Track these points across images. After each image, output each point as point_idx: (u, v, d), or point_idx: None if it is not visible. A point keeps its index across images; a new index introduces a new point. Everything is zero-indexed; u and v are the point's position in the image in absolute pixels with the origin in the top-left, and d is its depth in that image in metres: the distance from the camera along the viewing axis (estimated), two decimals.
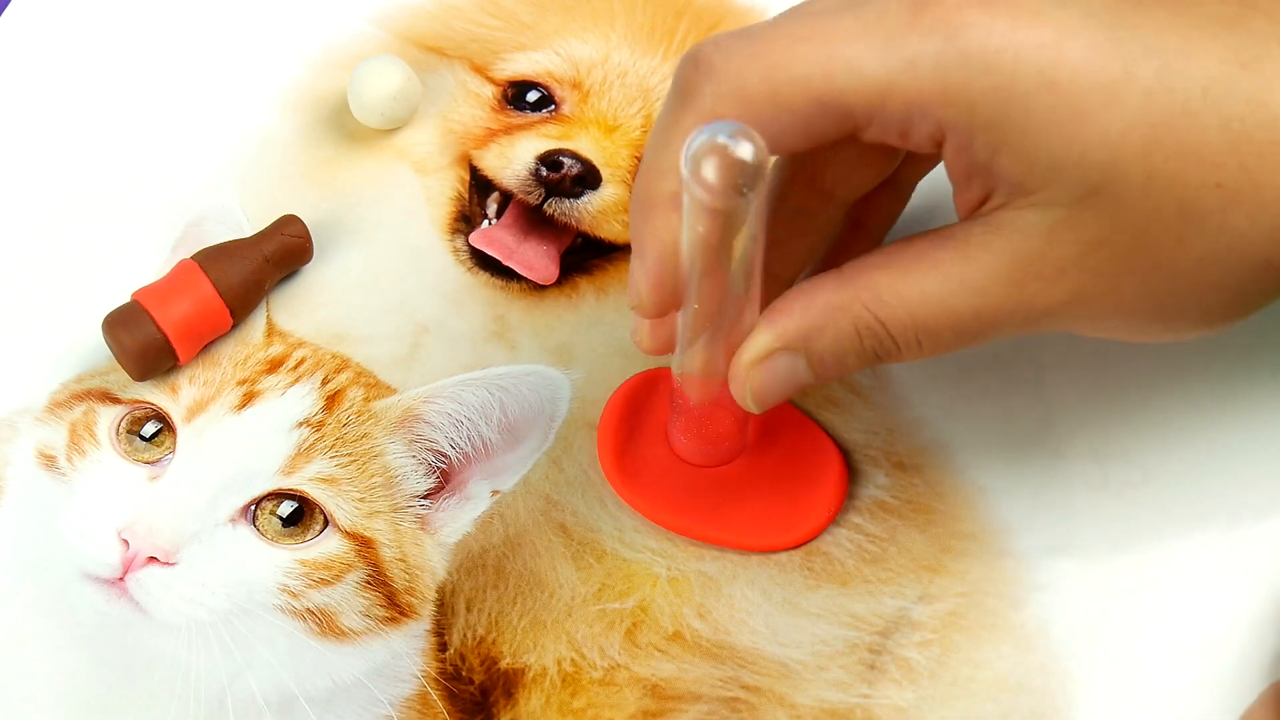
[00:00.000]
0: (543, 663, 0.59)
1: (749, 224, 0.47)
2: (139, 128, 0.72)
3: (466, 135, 0.72)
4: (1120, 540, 0.61)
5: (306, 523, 0.57)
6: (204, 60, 0.74)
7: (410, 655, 0.59)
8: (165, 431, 0.58)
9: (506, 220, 0.70)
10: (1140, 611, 0.59)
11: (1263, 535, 0.61)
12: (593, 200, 0.69)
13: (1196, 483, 0.62)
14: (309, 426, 0.59)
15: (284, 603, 0.56)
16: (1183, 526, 0.61)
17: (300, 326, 0.65)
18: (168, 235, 0.68)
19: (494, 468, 0.60)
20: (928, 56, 0.47)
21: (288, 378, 0.60)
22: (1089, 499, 0.62)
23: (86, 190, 0.70)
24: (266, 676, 0.56)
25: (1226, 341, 0.63)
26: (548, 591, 0.60)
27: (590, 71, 0.73)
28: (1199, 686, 0.58)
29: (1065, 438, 0.63)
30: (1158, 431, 0.63)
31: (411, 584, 0.58)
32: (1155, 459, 0.62)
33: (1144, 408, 0.63)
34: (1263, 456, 0.62)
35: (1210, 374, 0.64)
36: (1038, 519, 0.61)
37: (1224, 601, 0.59)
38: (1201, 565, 0.60)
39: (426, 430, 0.60)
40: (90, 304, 0.65)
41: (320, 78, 0.73)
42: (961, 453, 0.63)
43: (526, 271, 0.68)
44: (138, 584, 0.55)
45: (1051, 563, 0.60)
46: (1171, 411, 0.63)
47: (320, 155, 0.71)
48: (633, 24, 0.75)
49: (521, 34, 0.75)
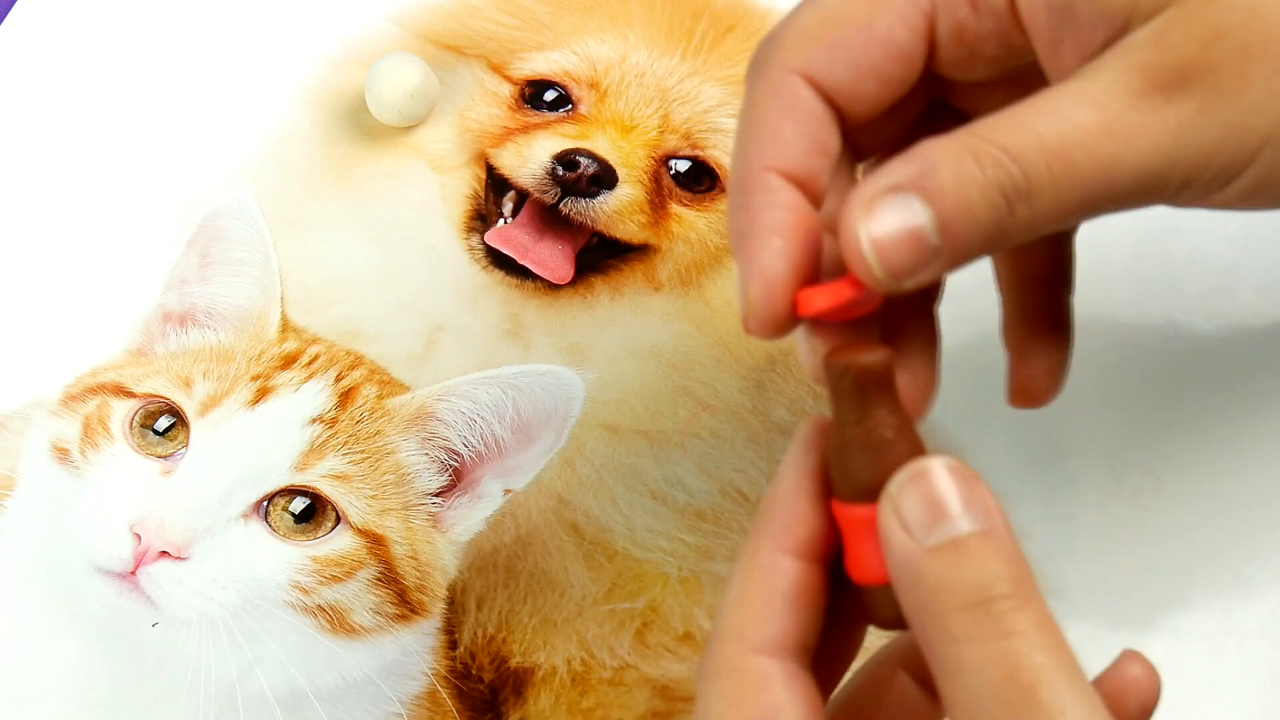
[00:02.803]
0: (552, 662, 0.59)
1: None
2: (156, 123, 0.72)
3: (483, 134, 0.72)
4: (1133, 547, 0.61)
5: (318, 519, 0.57)
6: (222, 56, 0.74)
7: (420, 653, 0.59)
8: (179, 426, 0.58)
9: (522, 219, 0.70)
10: (1152, 618, 0.59)
11: (1276, 543, 0.60)
12: (608, 200, 0.69)
13: (1211, 491, 0.62)
14: (322, 423, 0.59)
15: (295, 599, 0.56)
16: (1196, 534, 0.61)
17: (315, 323, 0.65)
18: (184, 230, 0.68)
19: (506, 467, 0.60)
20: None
21: (302, 374, 0.60)
22: (1102, 505, 0.61)
23: (104, 185, 0.70)
24: (277, 672, 0.56)
25: (1242, 349, 0.63)
26: (558, 591, 0.60)
27: (608, 71, 0.73)
28: (1211, 693, 0.58)
29: (1079, 444, 0.63)
30: (1172, 439, 0.63)
31: (422, 582, 0.58)
32: (1170, 467, 0.62)
33: (1158, 415, 0.63)
34: (1278, 464, 0.62)
35: (1227, 382, 0.64)
36: (1050, 524, 0.61)
37: (1237, 609, 0.59)
38: (1215, 573, 0.60)
39: (439, 428, 0.60)
40: (106, 297, 0.65)
41: (338, 75, 0.74)
42: (974, 457, 0.63)
43: (541, 270, 0.68)
44: (149, 578, 0.55)
45: (1063, 568, 0.60)
46: (1186, 420, 0.63)
47: (337, 152, 0.71)
48: (651, 24, 0.75)
49: (539, 33, 0.75)
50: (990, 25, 0.47)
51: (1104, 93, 0.44)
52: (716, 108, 0.73)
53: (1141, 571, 0.60)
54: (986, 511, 0.41)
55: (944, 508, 0.41)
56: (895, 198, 0.43)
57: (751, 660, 0.43)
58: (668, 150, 0.72)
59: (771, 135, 0.46)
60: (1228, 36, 0.44)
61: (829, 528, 0.44)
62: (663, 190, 0.71)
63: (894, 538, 0.41)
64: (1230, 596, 0.59)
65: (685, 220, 0.71)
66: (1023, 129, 0.43)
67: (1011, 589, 0.40)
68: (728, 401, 0.66)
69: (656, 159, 0.71)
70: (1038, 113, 0.44)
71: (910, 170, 0.43)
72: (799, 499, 0.44)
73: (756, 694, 0.43)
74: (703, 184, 0.72)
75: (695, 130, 0.72)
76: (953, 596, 0.40)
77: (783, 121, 0.46)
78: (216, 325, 0.62)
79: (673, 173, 0.71)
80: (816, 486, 0.44)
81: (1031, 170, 0.43)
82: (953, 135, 0.44)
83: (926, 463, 0.42)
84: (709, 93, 0.73)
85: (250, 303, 0.62)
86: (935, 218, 0.43)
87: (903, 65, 0.47)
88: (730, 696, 0.43)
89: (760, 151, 0.46)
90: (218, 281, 0.62)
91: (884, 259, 0.43)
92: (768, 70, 0.47)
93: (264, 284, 0.62)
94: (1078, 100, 0.44)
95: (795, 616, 0.44)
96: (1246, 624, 0.59)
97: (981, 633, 0.40)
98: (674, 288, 0.70)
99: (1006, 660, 0.39)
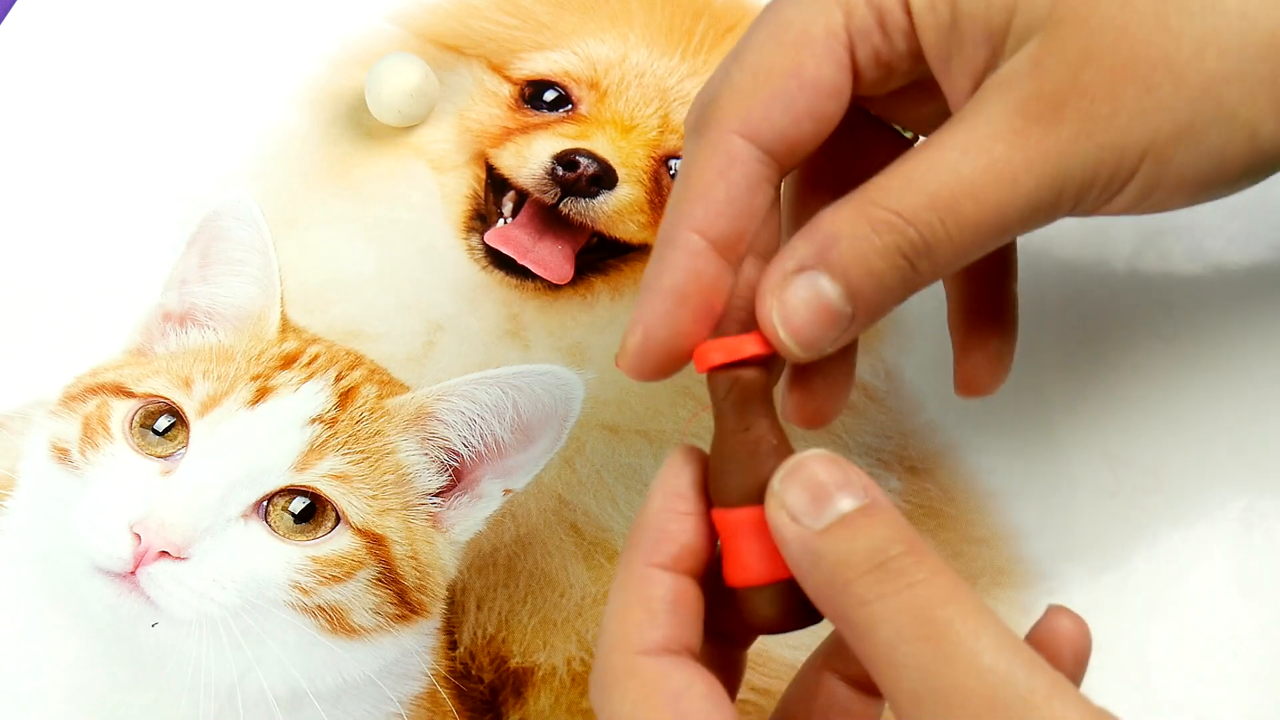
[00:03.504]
0: (552, 662, 0.59)
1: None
2: (156, 123, 0.72)
3: (483, 134, 0.72)
4: (1132, 546, 0.61)
5: (318, 519, 0.57)
6: (222, 56, 0.74)
7: (420, 653, 0.59)
8: (178, 426, 0.58)
9: (522, 219, 0.70)
10: (1151, 617, 0.59)
11: (1276, 543, 0.60)
12: (608, 200, 0.69)
13: (1210, 490, 0.62)
14: (322, 423, 0.59)
15: (295, 599, 0.56)
16: (1195, 534, 0.61)
17: (314, 323, 0.65)
18: (184, 231, 0.68)
19: (506, 467, 0.60)
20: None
21: (301, 374, 0.60)
22: (1101, 504, 0.61)
23: (104, 186, 0.70)
24: (276, 672, 0.56)
25: (1243, 348, 0.63)
26: (558, 591, 0.60)
27: (608, 71, 0.73)
28: (1210, 693, 0.58)
29: (1078, 443, 0.63)
30: (1172, 439, 0.63)
31: (422, 582, 0.58)
32: (1168, 466, 0.62)
33: (1158, 415, 0.63)
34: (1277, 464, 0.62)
35: (1227, 382, 0.64)
36: (1049, 524, 0.61)
37: (1236, 609, 0.59)
38: (1213, 573, 0.60)
39: (439, 428, 0.60)
40: (106, 298, 0.65)
41: (338, 74, 0.74)
42: (974, 457, 0.63)
43: (541, 270, 0.68)
44: (149, 578, 0.55)
45: (1062, 567, 0.60)
46: (1186, 420, 0.63)
47: (337, 152, 0.71)
48: (651, 24, 0.75)
49: (539, 33, 0.75)
50: (901, 46, 0.49)
51: (988, 137, 0.46)
52: None
53: (1141, 571, 0.60)
54: (864, 488, 0.44)
55: (825, 491, 0.43)
56: (803, 278, 0.46)
57: (644, 660, 0.45)
58: (668, 150, 0.72)
59: (702, 194, 0.48)
60: (1097, 59, 0.45)
61: (699, 543, 0.46)
62: (663, 190, 0.71)
63: (787, 530, 0.44)
64: (1230, 596, 0.59)
65: None
66: (913, 189, 0.45)
67: (905, 548, 0.42)
68: None
69: (656, 159, 0.71)
70: (927, 168, 0.46)
71: (813, 248, 0.46)
72: (667, 517, 0.47)
73: (659, 685, 0.44)
74: None
75: None
76: (852, 566, 0.42)
77: (715, 182, 0.48)
78: (216, 325, 0.62)
79: (672, 173, 0.71)
80: (686, 505, 0.47)
81: (926, 229, 0.45)
82: (849, 202, 0.46)
83: (801, 456, 0.44)
84: None
85: (250, 303, 0.62)
86: (842, 289, 0.46)
87: (834, 100, 0.48)
88: (633, 696, 0.44)
89: (689, 209, 0.48)
90: (218, 281, 0.62)
91: (798, 336, 0.46)
92: (707, 129, 0.48)
93: (264, 284, 0.62)
94: (964, 150, 0.46)
95: (675, 621, 0.45)
96: (1247, 623, 0.59)
97: (886, 589, 0.42)
98: None
99: (915, 605, 0.42)
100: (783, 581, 0.45)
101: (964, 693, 0.40)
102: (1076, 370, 0.65)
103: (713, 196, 0.48)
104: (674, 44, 0.74)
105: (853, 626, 0.42)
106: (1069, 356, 0.65)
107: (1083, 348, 0.64)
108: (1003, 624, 0.41)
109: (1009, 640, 0.41)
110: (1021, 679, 0.41)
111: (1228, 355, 0.64)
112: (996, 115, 0.46)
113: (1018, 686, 0.40)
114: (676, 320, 0.47)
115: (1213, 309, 0.67)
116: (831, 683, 0.50)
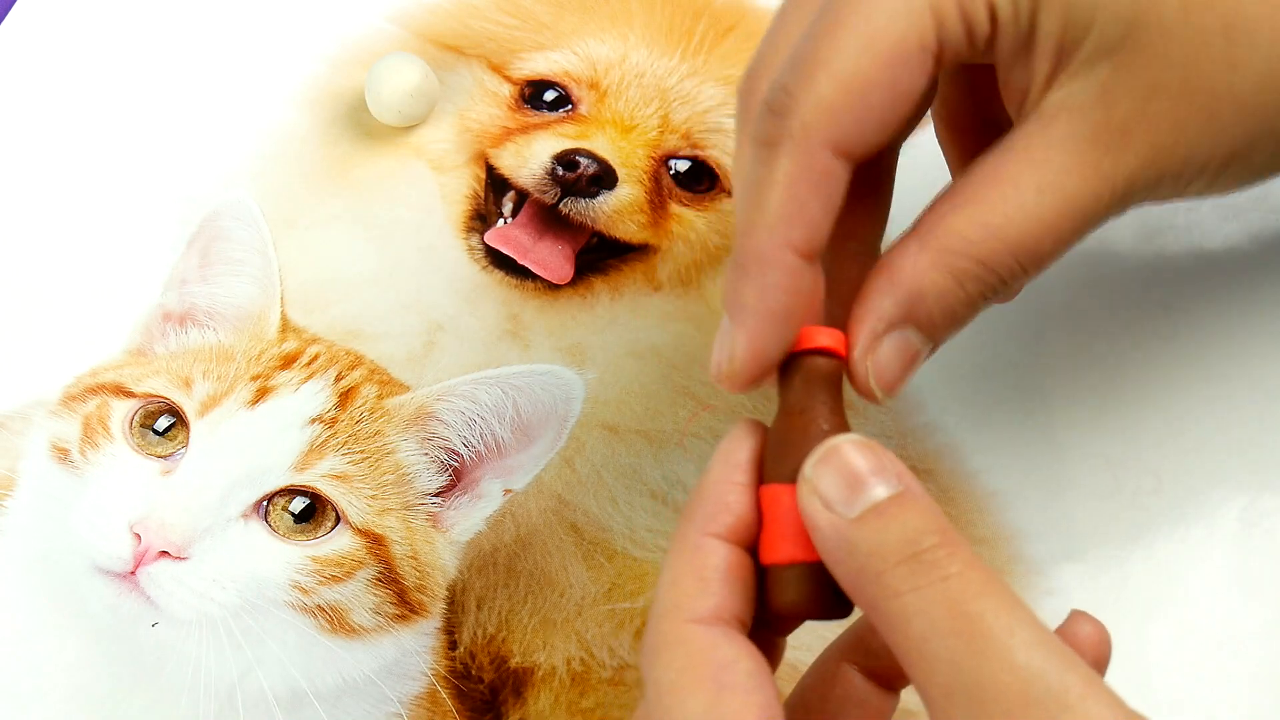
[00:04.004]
0: (552, 662, 0.59)
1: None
2: (156, 123, 0.72)
3: (483, 134, 0.72)
4: (1132, 547, 0.61)
5: (318, 519, 0.57)
6: (222, 56, 0.74)
7: (420, 653, 0.59)
8: (178, 426, 0.58)
9: (522, 219, 0.70)
10: (1151, 617, 0.59)
11: (1276, 543, 0.60)
12: (608, 200, 0.69)
13: (1210, 490, 0.62)
14: (322, 423, 0.59)
15: (295, 599, 0.56)
16: (1195, 533, 0.61)
17: (314, 323, 0.65)
18: (184, 231, 0.68)
19: (506, 467, 0.60)
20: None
21: (301, 374, 0.60)
22: (1101, 505, 0.61)
23: (104, 186, 0.70)
24: (276, 672, 0.56)
25: (1243, 348, 0.63)
26: (558, 591, 0.60)
27: (608, 71, 0.73)
28: (1210, 693, 0.58)
29: (1078, 443, 0.63)
30: (1172, 439, 0.63)
31: (422, 582, 0.58)
32: (1168, 466, 0.62)
33: (1158, 415, 0.63)
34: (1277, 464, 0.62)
35: (1227, 382, 0.64)
36: (1049, 524, 0.61)
37: (1236, 609, 0.59)
38: (1213, 573, 0.60)
39: (439, 428, 0.60)
40: (106, 298, 0.65)
41: (338, 74, 0.74)
42: (974, 457, 0.63)
43: (541, 270, 0.68)
44: (149, 578, 0.55)
45: (1062, 568, 0.60)
46: (1186, 420, 0.63)
47: (337, 152, 0.71)
48: (651, 24, 0.75)
49: (539, 33, 0.75)
50: (979, 49, 0.49)
51: (1061, 171, 0.47)
52: (716, 108, 0.73)
53: (1141, 572, 0.60)
54: (898, 475, 0.44)
55: (859, 479, 0.43)
56: (894, 335, 0.48)
57: (694, 629, 0.45)
58: (667, 150, 0.72)
59: (798, 210, 0.47)
60: (1165, 90, 0.47)
61: (754, 516, 0.46)
62: (662, 190, 0.71)
63: (819, 517, 0.43)
64: (1230, 596, 0.59)
65: (685, 220, 0.71)
66: (995, 237, 0.47)
67: (939, 539, 0.42)
68: (727, 401, 0.66)
69: (656, 159, 0.71)
70: (1005, 217, 0.47)
71: (899, 308, 0.48)
72: (725, 488, 0.47)
73: (706, 655, 0.44)
74: (703, 184, 0.72)
75: (695, 130, 0.72)
76: (886, 556, 0.42)
77: (810, 199, 0.47)
78: (216, 325, 0.62)
79: (672, 173, 0.71)
80: (743, 477, 0.47)
81: (1005, 271, 0.48)
82: (926, 247, 0.48)
83: (834, 441, 0.44)
84: (709, 93, 0.73)
85: (250, 303, 0.62)
86: (926, 338, 0.48)
87: (918, 107, 0.49)
88: (679, 664, 0.44)
89: (786, 228, 0.47)
90: (218, 281, 0.62)
91: (885, 384, 0.48)
92: (791, 140, 0.48)
93: (264, 284, 0.62)
94: (1039, 190, 0.47)
95: (728, 591, 0.45)
96: (1247, 623, 0.59)
97: (920, 581, 0.42)
98: (674, 288, 0.70)
99: (949, 598, 0.41)
100: (810, 564, 0.45)
101: (997, 688, 0.40)
102: (1076, 370, 0.65)
103: (808, 214, 0.47)
104: (674, 44, 0.74)
105: (885, 617, 0.42)
106: (1069, 357, 0.65)
107: (1083, 348, 0.64)
108: (1037, 619, 0.41)
109: (1043, 636, 0.41)
110: (1055, 676, 0.41)
111: (1227, 355, 0.64)
112: (1068, 146, 0.47)
113: (1051, 683, 0.41)
114: (784, 338, 0.47)
115: (1212, 309, 0.67)
116: (850, 674, 0.50)
